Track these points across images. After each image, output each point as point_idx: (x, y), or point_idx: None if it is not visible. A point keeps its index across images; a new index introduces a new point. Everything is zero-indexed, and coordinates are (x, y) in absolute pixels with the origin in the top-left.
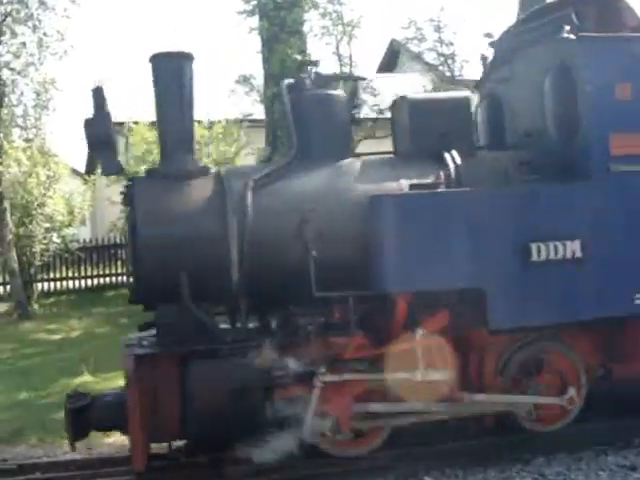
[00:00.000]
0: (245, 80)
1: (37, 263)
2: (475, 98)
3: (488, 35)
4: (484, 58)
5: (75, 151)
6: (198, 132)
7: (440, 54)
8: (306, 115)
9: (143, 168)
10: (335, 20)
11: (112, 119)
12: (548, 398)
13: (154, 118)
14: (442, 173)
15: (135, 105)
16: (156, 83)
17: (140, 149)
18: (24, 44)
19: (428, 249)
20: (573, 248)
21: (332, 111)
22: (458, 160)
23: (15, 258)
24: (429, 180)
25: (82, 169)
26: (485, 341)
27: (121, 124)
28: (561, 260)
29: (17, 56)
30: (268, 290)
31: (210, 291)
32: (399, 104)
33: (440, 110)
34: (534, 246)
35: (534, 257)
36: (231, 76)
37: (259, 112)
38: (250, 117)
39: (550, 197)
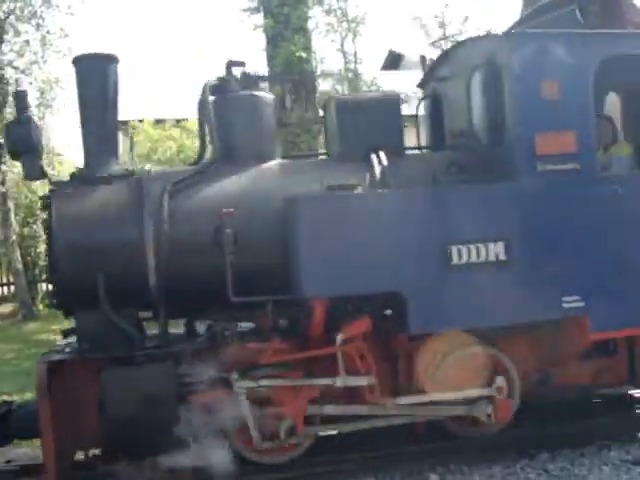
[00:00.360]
0: None
1: (41, 263)
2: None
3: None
4: (423, 57)
5: (80, 150)
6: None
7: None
8: (229, 117)
9: (148, 166)
10: (340, 17)
11: (36, 122)
12: (476, 390)
13: (159, 116)
14: (367, 175)
15: (139, 103)
16: (79, 85)
17: (144, 147)
18: (27, 42)
19: (345, 253)
20: (497, 251)
21: (257, 113)
22: (385, 161)
23: (19, 258)
24: (353, 182)
25: None
26: (414, 346)
27: (125, 122)
28: (484, 263)
29: (21, 55)
30: (188, 295)
31: (130, 296)
32: (328, 104)
33: (368, 110)
34: (454, 249)
35: (454, 260)
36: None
37: None
38: None
39: (471, 198)
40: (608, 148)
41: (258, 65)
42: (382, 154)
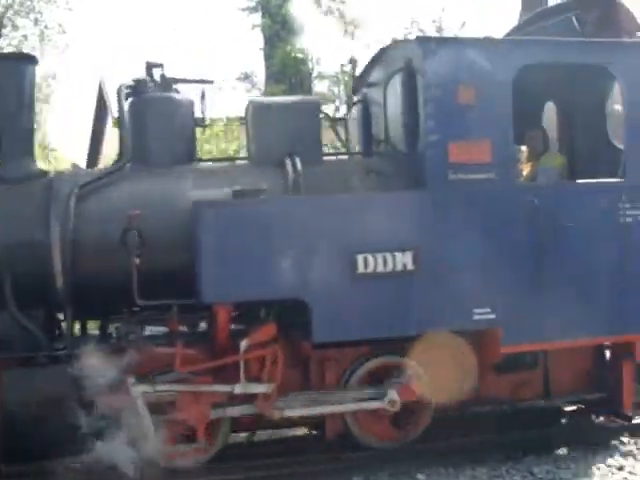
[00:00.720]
0: (246, 77)
1: None
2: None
3: None
4: (353, 61)
5: (76, 145)
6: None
7: None
8: (144, 118)
9: None
10: (337, 18)
11: None
12: (368, 403)
13: None
14: (280, 180)
15: None
16: None
17: None
18: (25, 37)
19: (248, 258)
20: (404, 260)
21: (173, 115)
22: (299, 167)
23: None
24: (265, 187)
25: (83, 164)
26: (325, 354)
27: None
28: (391, 272)
29: (18, 49)
30: (96, 297)
31: (38, 297)
32: (247, 108)
33: (286, 115)
34: (360, 257)
35: (360, 269)
36: (232, 73)
37: None
38: None
39: (379, 206)
40: (539, 158)
41: (256, 64)
42: (297, 159)
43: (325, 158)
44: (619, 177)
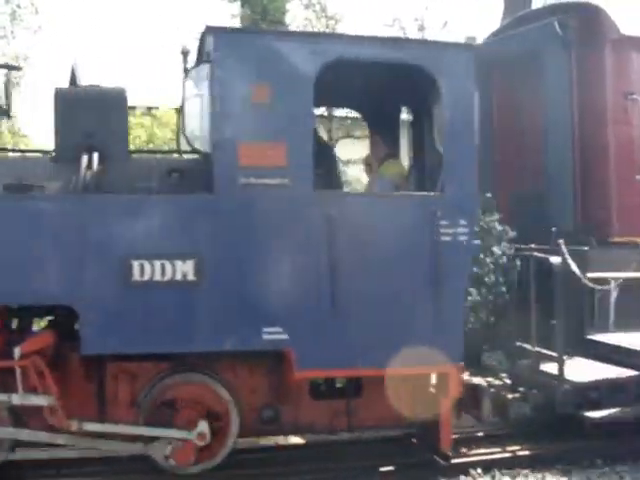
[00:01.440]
0: None
1: None
2: None
3: (470, 39)
4: (185, 52)
5: (47, 132)
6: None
7: None
8: None
9: None
10: (318, 12)
11: None
12: (172, 431)
13: (129, 103)
14: (73, 177)
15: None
16: None
17: None
18: None
19: (14, 258)
20: (184, 269)
21: None
22: (94, 164)
23: None
24: (58, 183)
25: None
26: (119, 368)
27: None
28: (169, 282)
29: None
30: None
31: None
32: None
33: (88, 105)
34: (136, 264)
35: (136, 276)
36: None
37: None
38: None
39: (158, 209)
40: (380, 166)
41: None
42: (94, 155)
43: (134, 155)
44: (437, 190)
